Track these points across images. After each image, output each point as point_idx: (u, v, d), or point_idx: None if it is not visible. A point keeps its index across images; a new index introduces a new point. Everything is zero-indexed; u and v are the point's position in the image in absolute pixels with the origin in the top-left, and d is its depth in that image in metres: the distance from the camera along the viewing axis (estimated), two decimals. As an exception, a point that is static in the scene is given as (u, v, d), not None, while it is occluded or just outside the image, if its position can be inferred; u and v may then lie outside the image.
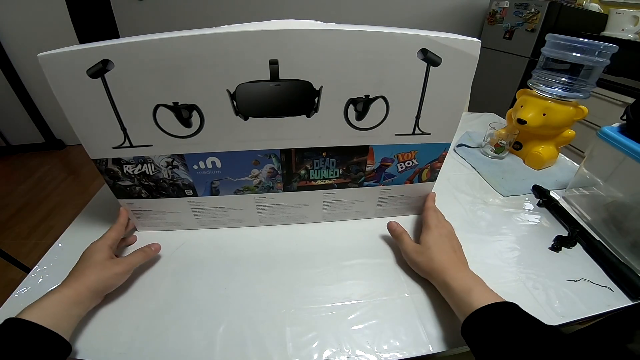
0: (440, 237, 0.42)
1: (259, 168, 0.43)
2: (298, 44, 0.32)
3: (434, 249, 0.41)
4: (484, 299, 0.32)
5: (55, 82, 0.32)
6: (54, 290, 0.33)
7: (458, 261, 0.40)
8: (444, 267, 0.38)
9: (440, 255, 0.40)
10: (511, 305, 0.32)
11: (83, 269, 0.36)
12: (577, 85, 0.62)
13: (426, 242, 0.42)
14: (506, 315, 0.31)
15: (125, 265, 0.39)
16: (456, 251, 0.42)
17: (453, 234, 0.44)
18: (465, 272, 0.38)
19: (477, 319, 0.31)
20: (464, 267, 0.39)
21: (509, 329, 0.29)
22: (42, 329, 0.28)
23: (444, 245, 0.41)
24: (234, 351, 0.34)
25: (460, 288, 0.35)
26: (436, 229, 0.43)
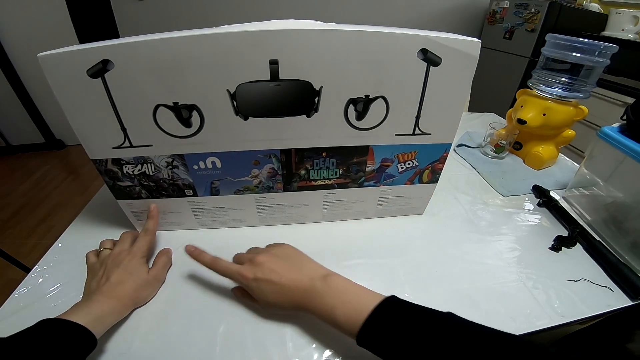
0: (261, 285, 0.34)
1: (259, 168, 0.43)
2: (298, 44, 0.32)
3: (271, 302, 0.35)
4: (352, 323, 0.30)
5: (55, 82, 0.32)
6: (96, 299, 0.34)
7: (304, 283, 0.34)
8: (297, 308, 0.34)
9: (282, 302, 0.34)
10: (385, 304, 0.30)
11: (123, 281, 0.36)
12: (577, 85, 0.62)
13: (261, 300, 0.35)
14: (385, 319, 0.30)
15: (161, 277, 0.41)
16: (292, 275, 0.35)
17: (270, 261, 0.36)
18: (316, 296, 0.33)
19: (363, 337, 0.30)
20: (310, 290, 0.33)
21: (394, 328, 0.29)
22: (80, 327, 0.29)
23: (272, 288, 0.34)
24: (234, 351, 0.34)
25: (326, 320, 0.32)
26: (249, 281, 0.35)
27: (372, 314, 0.30)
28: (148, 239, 0.43)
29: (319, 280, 0.34)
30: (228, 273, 0.37)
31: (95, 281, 0.36)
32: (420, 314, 0.30)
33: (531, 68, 0.84)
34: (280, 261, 0.36)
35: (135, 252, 0.40)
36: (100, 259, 0.40)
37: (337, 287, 0.33)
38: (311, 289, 0.33)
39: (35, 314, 0.36)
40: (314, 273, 0.35)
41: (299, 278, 0.34)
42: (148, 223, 0.44)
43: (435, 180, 0.49)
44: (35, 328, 0.29)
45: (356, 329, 0.30)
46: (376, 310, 0.30)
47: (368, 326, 0.29)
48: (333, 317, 0.32)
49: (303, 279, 0.34)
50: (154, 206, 0.45)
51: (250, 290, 0.36)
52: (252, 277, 0.35)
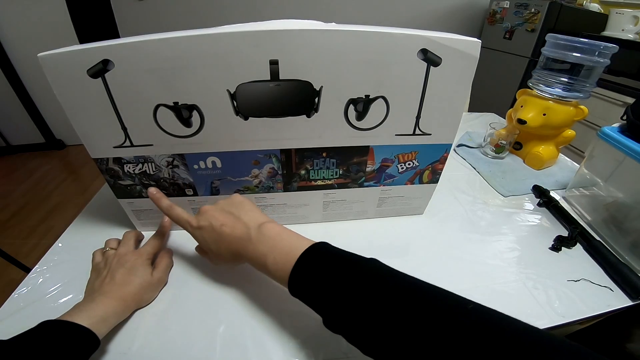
0: (203, 232, 0.36)
1: (259, 168, 0.43)
2: (298, 44, 0.32)
3: (213, 250, 0.36)
4: (280, 269, 0.30)
5: (55, 82, 0.32)
6: (99, 299, 0.33)
7: (241, 231, 0.34)
8: (235, 257, 0.35)
9: (221, 250, 0.35)
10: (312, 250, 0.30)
11: (127, 282, 0.36)
12: (577, 85, 0.62)
13: (202, 247, 0.37)
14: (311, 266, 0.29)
15: (164, 278, 0.41)
16: (232, 224, 0.35)
17: (215, 210, 0.37)
18: (250, 244, 0.33)
19: (292, 285, 0.29)
20: (246, 238, 0.33)
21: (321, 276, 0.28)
22: (83, 329, 0.29)
23: (212, 235, 0.35)
24: (234, 351, 0.34)
25: (258, 267, 0.33)
26: (194, 229, 0.37)
27: (299, 261, 0.29)
28: (157, 244, 0.43)
29: (255, 228, 0.34)
30: (178, 220, 0.38)
31: (99, 281, 0.36)
32: (344, 260, 0.29)
33: (531, 68, 0.84)
34: (224, 211, 0.37)
35: (141, 254, 0.40)
36: (105, 258, 0.40)
37: (269, 234, 0.33)
38: (246, 237, 0.33)
39: (35, 314, 0.37)
40: (252, 221, 0.35)
41: (237, 226, 0.35)
42: (160, 230, 0.45)
43: (436, 181, 0.49)
44: (37, 330, 0.28)
45: (286, 276, 0.29)
46: (302, 257, 0.29)
47: (295, 273, 0.29)
48: (265, 265, 0.31)
49: (240, 226, 0.34)
50: (168, 219, 0.46)
51: (196, 239, 0.37)
52: (196, 225, 0.36)
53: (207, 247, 0.37)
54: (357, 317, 0.26)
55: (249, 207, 0.38)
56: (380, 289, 0.26)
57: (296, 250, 0.30)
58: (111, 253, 0.40)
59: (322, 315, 0.29)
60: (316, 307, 0.29)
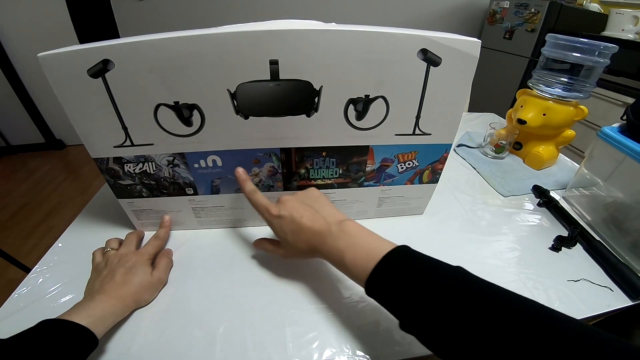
0: (282, 222, 0.36)
1: (259, 167, 0.43)
2: (298, 44, 0.32)
3: (289, 241, 0.36)
4: (359, 268, 0.30)
5: (55, 82, 0.32)
6: (98, 298, 0.33)
7: (321, 226, 0.34)
8: (311, 249, 0.35)
9: (298, 241, 0.35)
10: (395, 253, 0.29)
11: (127, 281, 0.36)
12: (577, 85, 0.62)
13: (279, 238, 0.38)
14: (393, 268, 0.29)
15: (164, 278, 0.41)
16: (308, 217, 0.35)
17: (294, 201, 0.37)
18: (329, 239, 0.33)
19: (371, 285, 0.29)
20: (325, 233, 0.34)
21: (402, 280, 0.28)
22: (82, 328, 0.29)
23: (292, 226, 0.35)
24: (234, 351, 0.34)
25: (335, 263, 0.33)
26: (270, 217, 0.37)
27: (381, 262, 0.28)
28: (157, 244, 0.43)
29: (335, 224, 0.34)
30: (257, 205, 0.39)
31: (99, 280, 0.36)
32: (429, 265, 0.28)
33: (531, 68, 0.84)
34: (304, 203, 0.37)
35: (142, 254, 0.40)
36: (106, 258, 0.40)
37: (350, 231, 0.33)
38: (326, 232, 0.34)
39: (35, 314, 0.37)
40: (332, 217, 0.35)
41: (317, 220, 0.35)
42: (160, 231, 0.46)
43: (436, 181, 0.49)
44: (36, 329, 0.28)
45: (365, 276, 0.29)
46: (385, 259, 0.29)
47: (376, 274, 0.28)
48: (342, 261, 0.31)
49: (320, 221, 0.35)
50: (168, 217, 0.47)
51: (273, 228, 0.38)
52: (276, 213, 0.37)
53: (283, 237, 0.37)
54: (440, 325, 0.25)
55: (326, 202, 0.38)
56: (466, 298, 0.25)
57: (378, 251, 0.30)
58: (112, 253, 0.40)
59: (400, 319, 0.28)
60: (394, 309, 0.28)
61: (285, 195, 0.39)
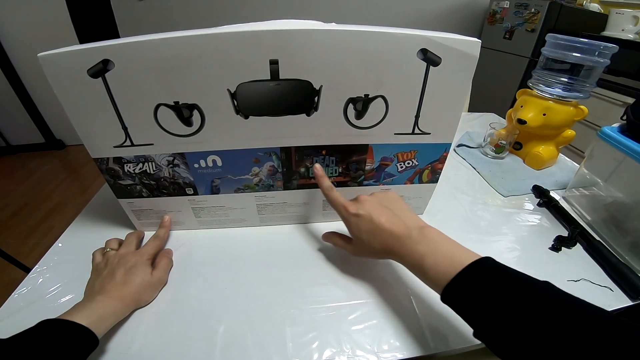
0: (359, 220, 0.36)
1: (260, 166, 0.43)
2: (298, 44, 0.32)
3: (363, 239, 0.36)
4: (439, 274, 0.29)
5: (55, 82, 0.32)
6: (99, 299, 0.33)
7: (394, 231, 0.34)
8: (385, 250, 0.35)
9: (373, 241, 0.35)
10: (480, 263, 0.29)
11: (127, 282, 0.36)
12: (577, 85, 0.62)
13: (353, 236, 0.38)
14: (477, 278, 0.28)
15: (164, 278, 0.41)
16: (387, 218, 0.35)
17: (373, 202, 0.37)
18: (407, 243, 0.33)
19: (450, 291, 0.29)
20: (403, 236, 0.34)
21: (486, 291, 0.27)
22: (82, 327, 0.29)
23: (368, 225, 0.36)
24: (234, 351, 0.34)
25: (412, 267, 0.33)
26: (348, 215, 0.37)
27: (464, 271, 0.28)
28: (157, 244, 0.43)
29: (416, 229, 0.34)
30: (335, 203, 0.39)
31: (99, 280, 0.36)
32: (515, 279, 0.28)
33: (531, 68, 0.84)
34: (383, 205, 0.37)
35: (142, 254, 0.40)
36: (106, 258, 0.40)
37: (432, 237, 0.33)
38: (406, 236, 0.33)
39: (35, 314, 0.37)
40: (413, 222, 0.35)
41: (397, 223, 0.35)
42: (160, 231, 0.46)
43: (435, 180, 0.49)
44: (36, 329, 0.28)
45: (444, 282, 0.29)
46: (469, 268, 0.28)
47: (457, 282, 0.28)
48: (421, 266, 0.31)
49: (400, 224, 0.35)
50: (168, 217, 0.47)
51: (349, 225, 0.38)
52: (354, 212, 0.37)
53: (358, 236, 0.37)
54: (523, 337, 0.24)
55: (405, 206, 0.38)
56: (554, 313, 0.24)
57: (461, 259, 0.29)
58: (112, 253, 0.40)
59: (476, 327, 0.28)
60: (472, 318, 0.28)
61: (365, 196, 0.39)
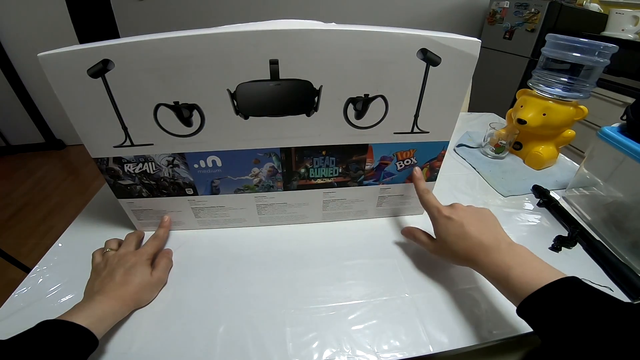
0: (447, 223, 0.38)
1: (259, 167, 0.43)
2: (298, 44, 0.32)
3: (449, 240, 0.37)
4: (524, 284, 0.30)
5: (55, 82, 0.32)
6: (98, 299, 0.33)
7: (483, 240, 0.35)
8: (469, 256, 0.35)
9: (458, 245, 0.36)
10: (559, 283, 0.29)
11: (127, 282, 0.36)
12: (577, 85, 0.62)
13: (439, 236, 0.39)
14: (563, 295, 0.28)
15: (164, 278, 0.41)
16: (477, 227, 0.36)
17: (464, 210, 0.39)
18: (494, 253, 0.34)
19: (527, 307, 0.29)
20: (490, 246, 0.34)
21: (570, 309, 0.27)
22: (82, 328, 0.29)
23: (457, 230, 0.37)
24: (234, 351, 0.34)
25: (494, 276, 0.33)
26: (440, 217, 0.39)
27: (550, 285, 0.28)
28: (156, 244, 0.43)
29: (505, 243, 0.35)
30: (429, 204, 0.41)
31: (99, 281, 0.36)
32: (601, 299, 0.28)
33: (531, 68, 0.84)
34: (476, 216, 0.38)
35: (141, 254, 0.40)
36: (105, 259, 0.40)
37: (521, 253, 0.33)
38: (495, 247, 0.34)
39: (35, 314, 0.37)
40: (503, 237, 0.36)
41: (487, 234, 0.36)
42: (159, 230, 0.46)
43: (434, 178, 0.49)
44: (36, 329, 0.28)
45: (526, 293, 0.29)
46: (556, 283, 0.28)
47: (541, 295, 0.28)
48: (507, 276, 0.31)
49: (490, 236, 0.36)
50: (168, 217, 0.47)
51: (437, 225, 0.39)
52: (446, 214, 0.39)
53: (444, 238, 0.38)
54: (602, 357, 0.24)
55: (497, 223, 0.39)
56: None
57: (548, 275, 0.30)
58: (111, 254, 0.40)
59: (551, 343, 0.28)
60: (549, 334, 0.28)
61: (460, 204, 0.40)
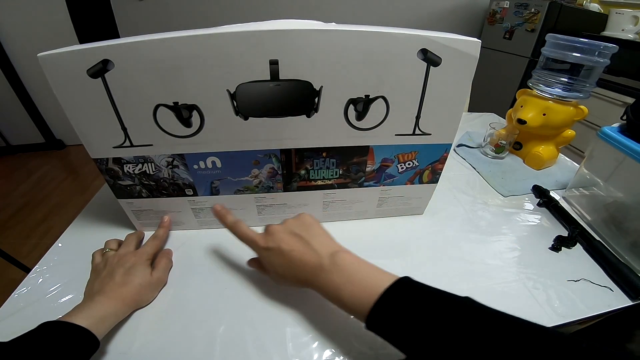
0: (270, 255, 0.35)
1: (259, 168, 0.43)
2: (298, 44, 0.32)
3: (279, 273, 0.35)
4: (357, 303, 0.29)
5: (55, 82, 0.32)
6: (98, 299, 0.33)
7: (312, 258, 0.32)
8: (304, 283, 0.33)
9: (289, 274, 0.34)
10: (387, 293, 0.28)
11: (127, 282, 0.36)
12: (577, 85, 0.62)
13: (268, 270, 0.36)
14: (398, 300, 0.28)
15: (164, 279, 0.41)
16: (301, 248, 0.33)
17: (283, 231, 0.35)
18: (323, 273, 0.32)
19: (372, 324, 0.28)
20: (318, 267, 0.32)
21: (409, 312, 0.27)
22: (83, 329, 0.29)
23: (279, 259, 0.34)
24: (234, 351, 0.34)
25: (331, 298, 0.31)
26: (258, 249, 0.36)
27: (383, 296, 0.27)
28: (156, 244, 0.43)
29: (328, 257, 0.32)
30: (244, 238, 0.37)
31: (98, 281, 0.36)
32: (436, 297, 0.27)
33: (531, 68, 0.84)
34: (293, 233, 0.35)
35: (141, 254, 0.40)
36: (105, 259, 0.40)
37: (345, 265, 0.31)
38: (318, 266, 0.32)
39: (35, 314, 0.37)
40: (324, 249, 0.33)
41: (308, 253, 0.33)
42: (159, 231, 0.46)
43: (436, 181, 0.49)
44: (37, 331, 0.28)
45: (365, 311, 0.28)
46: (387, 292, 0.27)
47: (378, 309, 0.27)
48: (339, 297, 0.30)
49: (311, 254, 0.33)
50: (168, 218, 0.47)
51: (262, 259, 0.36)
52: (263, 245, 0.35)
53: (273, 269, 0.35)
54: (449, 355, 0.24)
55: (318, 230, 0.36)
56: (478, 330, 0.24)
57: (377, 284, 0.28)
58: (111, 254, 0.40)
59: (407, 353, 0.27)
60: (401, 344, 0.27)
61: (274, 225, 0.36)
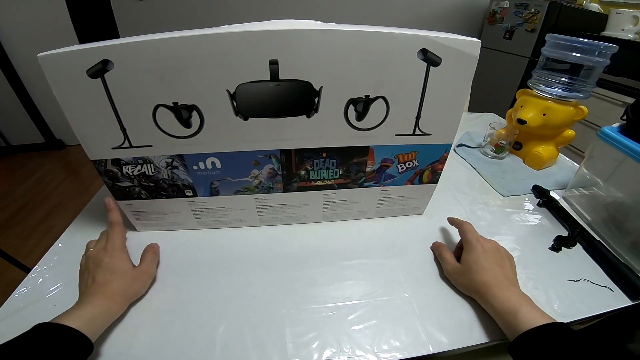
0: (482, 254, 0.40)
1: (259, 168, 0.43)
2: (298, 44, 0.32)
3: (474, 269, 0.39)
4: (531, 320, 0.32)
5: (55, 82, 0.32)
6: (86, 300, 0.33)
7: (503, 278, 0.38)
8: (485, 287, 0.37)
9: (482, 275, 0.38)
10: (560, 325, 0.31)
11: (108, 280, 0.36)
12: (577, 85, 0.62)
13: (467, 262, 0.40)
14: (555, 337, 0.30)
15: (150, 271, 0.40)
16: (502, 267, 0.39)
17: (497, 249, 0.42)
18: (509, 291, 0.36)
19: (525, 341, 0.31)
20: (508, 285, 0.37)
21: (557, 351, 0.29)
22: (74, 331, 0.29)
23: (486, 262, 0.39)
24: (234, 351, 0.34)
25: (504, 309, 0.34)
26: (477, 246, 0.41)
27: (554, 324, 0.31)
28: (117, 230, 0.41)
29: (518, 286, 0.39)
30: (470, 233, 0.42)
31: (83, 284, 0.37)
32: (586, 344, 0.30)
33: (531, 68, 0.84)
34: (499, 255, 0.41)
35: (111, 248, 0.39)
36: (85, 260, 0.39)
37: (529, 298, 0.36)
38: (509, 285, 0.37)
39: (35, 314, 0.37)
40: (516, 280, 0.40)
41: (508, 273, 0.39)
42: (110, 216, 0.42)
43: (436, 181, 0.49)
44: (30, 333, 0.28)
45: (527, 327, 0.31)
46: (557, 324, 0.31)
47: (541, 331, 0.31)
48: (516, 310, 0.33)
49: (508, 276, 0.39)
50: (109, 199, 0.43)
51: (472, 252, 0.40)
52: (486, 246, 0.41)
53: (471, 266, 0.39)
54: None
55: (514, 266, 0.42)
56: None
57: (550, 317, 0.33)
58: (88, 254, 0.40)
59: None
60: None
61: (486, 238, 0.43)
